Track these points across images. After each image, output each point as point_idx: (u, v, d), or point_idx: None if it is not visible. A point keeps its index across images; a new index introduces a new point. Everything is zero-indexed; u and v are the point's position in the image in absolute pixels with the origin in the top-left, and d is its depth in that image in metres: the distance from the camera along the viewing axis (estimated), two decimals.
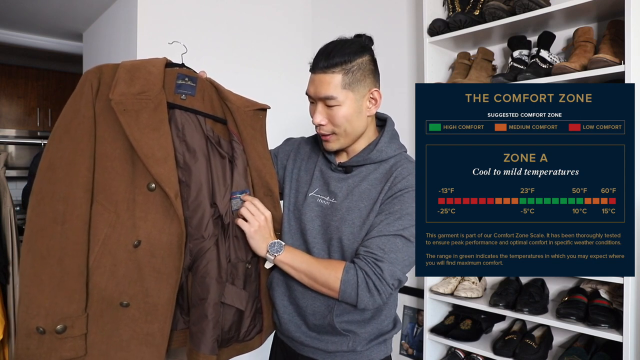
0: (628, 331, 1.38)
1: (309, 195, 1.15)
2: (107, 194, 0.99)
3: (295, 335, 1.14)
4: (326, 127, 1.09)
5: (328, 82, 1.05)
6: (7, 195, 1.64)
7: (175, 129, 1.09)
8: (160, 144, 1.00)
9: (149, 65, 1.07)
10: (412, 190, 1.05)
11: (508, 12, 1.70)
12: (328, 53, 1.06)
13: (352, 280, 1.00)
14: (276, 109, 2.42)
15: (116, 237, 0.99)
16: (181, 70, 1.14)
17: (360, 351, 1.11)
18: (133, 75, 1.03)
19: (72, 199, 0.96)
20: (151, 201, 1.00)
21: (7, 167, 2.46)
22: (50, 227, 0.95)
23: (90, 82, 1.01)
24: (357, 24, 2.46)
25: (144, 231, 1.00)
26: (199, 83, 1.14)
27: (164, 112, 1.03)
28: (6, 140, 3.75)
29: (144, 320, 1.00)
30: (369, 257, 1.01)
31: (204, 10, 2.23)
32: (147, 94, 1.02)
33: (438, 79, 1.96)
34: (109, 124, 1.00)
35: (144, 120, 1.00)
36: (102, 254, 0.98)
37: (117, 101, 0.98)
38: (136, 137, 0.97)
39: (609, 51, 1.48)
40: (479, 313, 1.83)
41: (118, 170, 1.00)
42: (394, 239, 1.02)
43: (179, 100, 1.10)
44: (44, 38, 3.06)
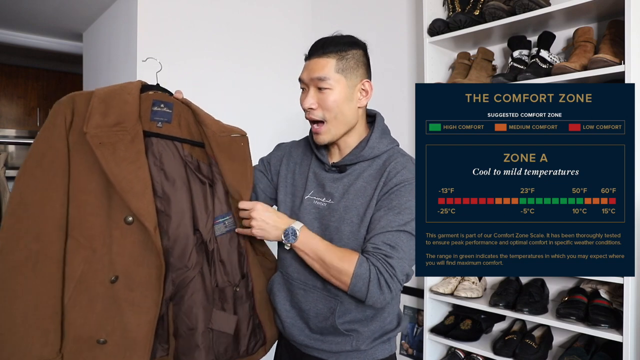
0: (628, 331, 1.38)
1: (305, 198, 1.15)
2: (82, 229, 0.96)
3: (299, 338, 1.14)
4: (316, 111, 1.09)
5: (322, 65, 1.08)
6: (7, 195, 1.64)
7: (152, 158, 1.06)
8: (138, 177, 0.97)
9: (123, 93, 1.04)
10: (407, 183, 1.05)
11: (508, 12, 1.70)
12: (323, 43, 1.10)
13: (364, 274, 0.99)
14: (276, 108, 2.43)
15: (92, 274, 0.96)
16: (156, 95, 1.11)
17: (365, 350, 1.11)
18: (108, 105, 0.99)
19: (45, 237, 0.93)
20: (128, 235, 0.97)
21: (7, 167, 2.46)
22: (22, 266, 0.91)
23: (63, 114, 0.97)
24: (357, 24, 2.46)
25: (121, 266, 0.97)
26: (175, 108, 1.11)
27: (140, 143, 1.00)
28: (6, 140, 3.75)
29: (122, 356, 0.97)
30: (378, 254, 1.00)
31: (204, 10, 2.23)
32: (124, 125, 0.98)
33: (438, 79, 1.96)
34: (83, 157, 0.96)
35: (121, 153, 0.96)
36: (78, 291, 0.95)
37: (92, 134, 0.94)
38: (114, 172, 0.94)
39: (609, 51, 1.48)
40: (479, 313, 1.83)
41: (94, 204, 0.96)
42: (399, 234, 1.01)
43: (155, 128, 1.08)
44: (44, 38, 3.05)
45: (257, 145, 2.41)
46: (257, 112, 2.41)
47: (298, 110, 1.25)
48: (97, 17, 2.58)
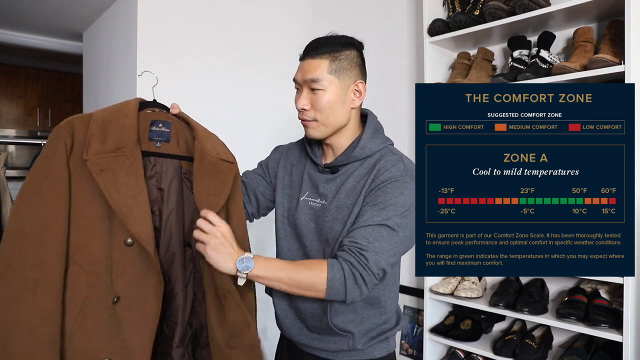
0: (628, 331, 1.38)
1: (300, 200, 1.16)
2: (84, 254, 0.96)
3: (297, 338, 1.15)
4: (309, 112, 1.10)
5: (315, 66, 1.08)
6: (7, 195, 1.64)
7: (150, 178, 1.08)
8: (137, 202, 0.97)
9: (121, 116, 1.04)
10: (395, 180, 1.04)
11: (508, 12, 1.69)
12: (317, 43, 1.10)
13: (338, 276, 0.96)
14: (276, 108, 2.43)
15: (96, 297, 0.96)
16: (154, 115, 1.12)
17: (361, 349, 1.11)
18: (106, 130, 1.00)
19: (46, 265, 0.92)
20: (128, 256, 0.98)
21: (7, 167, 2.47)
22: (20, 295, 0.91)
23: (63, 141, 0.97)
24: (357, 24, 2.45)
25: (122, 286, 0.98)
26: (172, 127, 1.12)
27: (140, 167, 1.01)
28: (6, 140, 3.75)
29: None
30: (353, 247, 0.98)
31: (204, 10, 2.23)
32: (123, 150, 0.99)
33: (438, 79, 1.96)
34: (84, 183, 0.97)
35: (121, 179, 0.97)
36: (82, 316, 0.95)
37: (92, 161, 0.95)
38: (114, 198, 0.95)
39: (609, 51, 1.48)
40: (479, 313, 1.83)
41: (95, 229, 0.97)
42: (379, 228, 0.99)
43: (154, 147, 1.09)
44: (44, 38, 3.05)
45: (256, 144, 2.42)
46: (257, 112, 2.41)
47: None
48: (97, 17, 2.58)
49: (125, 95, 2.17)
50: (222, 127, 2.43)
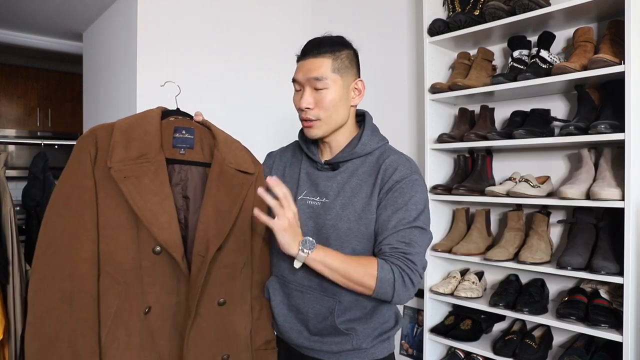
0: (628, 331, 1.38)
1: (298, 199, 1.16)
2: (115, 264, 0.96)
3: (297, 341, 1.14)
4: (313, 111, 1.10)
5: (319, 65, 1.09)
6: (7, 195, 1.64)
7: (175, 186, 1.07)
8: (163, 208, 0.97)
9: (144, 122, 1.04)
10: (407, 179, 1.07)
11: (508, 12, 1.69)
12: (317, 43, 1.11)
13: (388, 276, 0.99)
14: (276, 108, 2.43)
15: (128, 308, 0.95)
16: (177, 122, 1.11)
17: (365, 348, 1.11)
18: (129, 137, 0.99)
19: (78, 275, 0.92)
20: (158, 264, 0.98)
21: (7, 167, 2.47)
22: (57, 307, 0.91)
23: (87, 151, 0.97)
24: (357, 24, 2.46)
25: (153, 296, 0.97)
26: (196, 133, 1.11)
27: (164, 174, 1.00)
28: (6, 140, 3.75)
29: None
30: (396, 253, 1.01)
31: (204, 10, 2.23)
32: (147, 157, 0.99)
33: (438, 79, 1.96)
34: (110, 192, 0.96)
35: (146, 185, 0.96)
36: (115, 327, 0.94)
37: (116, 169, 0.95)
38: (139, 205, 0.94)
39: (609, 51, 1.48)
40: (479, 313, 1.83)
41: (123, 238, 0.97)
42: (410, 230, 1.03)
43: (178, 155, 1.08)
44: (44, 38, 3.06)
45: (256, 144, 2.41)
46: (257, 112, 2.41)
47: None
48: (97, 17, 2.58)
49: (125, 96, 2.18)
50: (222, 127, 2.44)
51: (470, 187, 1.79)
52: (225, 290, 1.06)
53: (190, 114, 1.16)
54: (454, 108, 2.03)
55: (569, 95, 1.77)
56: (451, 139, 1.85)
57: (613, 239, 1.49)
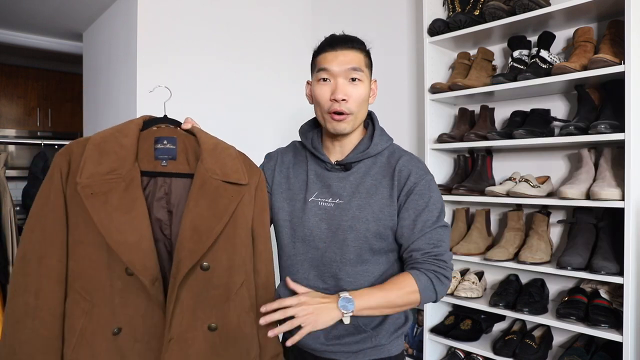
0: (628, 331, 1.38)
1: (309, 200, 1.13)
2: (83, 282, 0.93)
3: (314, 346, 1.12)
4: (348, 104, 1.07)
5: (356, 57, 1.08)
6: (7, 195, 1.64)
7: (159, 200, 1.01)
8: (133, 227, 0.91)
9: (120, 135, 0.98)
10: (423, 180, 1.09)
11: (508, 12, 1.69)
12: (347, 37, 1.10)
13: (427, 284, 1.01)
14: (276, 108, 2.43)
15: (93, 327, 0.93)
16: (158, 132, 1.04)
17: (384, 344, 1.11)
18: (102, 151, 0.94)
19: (43, 293, 0.92)
20: (131, 285, 0.93)
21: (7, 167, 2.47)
22: (22, 321, 0.91)
23: (59, 167, 0.94)
24: (357, 24, 2.45)
25: (125, 317, 0.94)
26: (179, 143, 1.04)
27: (137, 189, 0.94)
28: (6, 140, 3.75)
29: None
30: (428, 258, 1.04)
31: (204, 10, 2.23)
32: (118, 172, 0.93)
33: (438, 79, 1.96)
34: (79, 209, 0.93)
35: (114, 202, 0.91)
36: (79, 345, 0.92)
37: (84, 185, 0.90)
38: (104, 223, 0.89)
39: (609, 51, 1.48)
40: (479, 313, 1.83)
41: (93, 257, 0.93)
42: (436, 230, 1.07)
43: (159, 167, 1.01)
44: (44, 38, 3.05)
45: (257, 144, 2.41)
46: (257, 112, 2.41)
47: (298, 109, 1.25)
48: (97, 17, 2.58)
49: (125, 96, 2.18)
50: (222, 127, 2.44)
51: (470, 187, 1.79)
52: (218, 314, 0.99)
53: (179, 122, 1.08)
54: (454, 108, 2.03)
55: (569, 95, 1.77)
56: (451, 139, 1.85)
57: (613, 239, 1.49)
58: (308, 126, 1.23)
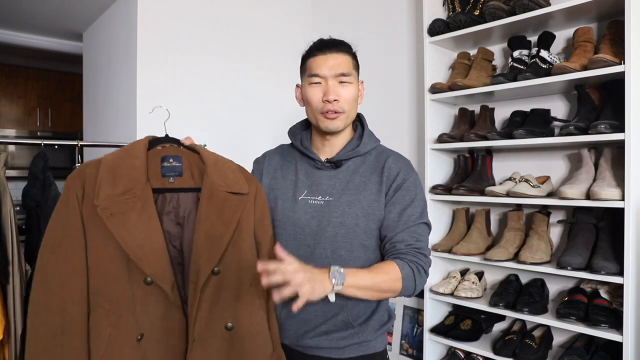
0: (628, 331, 1.38)
1: (299, 199, 1.16)
2: (106, 296, 0.99)
3: (301, 342, 1.14)
4: (340, 103, 1.13)
5: (345, 60, 1.14)
6: (7, 195, 1.63)
7: (168, 214, 1.08)
8: (151, 242, 0.99)
9: (130, 157, 1.05)
10: (410, 178, 1.15)
11: (508, 12, 1.69)
12: (335, 41, 1.16)
13: (409, 274, 1.05)
14: (276, 108, 2.43)
15: (120, 337, 0.98)
16: (164, 151, 1.12)
17: (370, 340, 1.14)
18: (115, 173, 1.01)
19: (67, 314, 0.96)
20: (150, 293, 1.00)
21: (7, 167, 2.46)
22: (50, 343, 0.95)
23: (74, 192, 0.99)
24: (357, 24, 2.46)
25: (146, 323, 1.00)
26: (184, 160, 1.12)
27: (151, 207, 1.02)
28: (6, 140, 3.75)
29: None
30: (410, 250, 1.09)
31: (204, 10, 2.23)
32: (133, 191, 1.00)
33: (438, 79, 1.96)
34: (98, 228, 0.98)
35: (133, 220, 0.98)
36: (108, 355, 0.97)
37: (103, 206, 0.97)
38: (126, 241, 0.96)
39: (609, 51, 1.48)
40: (479, 313, 1.83)
41: (113, 271, 0.99)
42: (419, 226, 1.12)
43: (167, 183, 1.09)
44: (44, 38, 3.06)
45: (256, 144, 2.41)
46: (257, 112, 2.41)
47: (298, 109, 1.25)
48: (97, 17, 2.58)
49: (125, 96, 2.18)
50: (222, 127, 2.45)
51: (470, 187, 1.79)
52: (231, 314, 1.06)
53: (178, 139, 1.16)
54: (454, 108, 2.03)
55: (569, 95, 1.77)
56: (451, 139, 1.85)
57: (613, 239, 1.49)
58: (297, 128, 1.27)
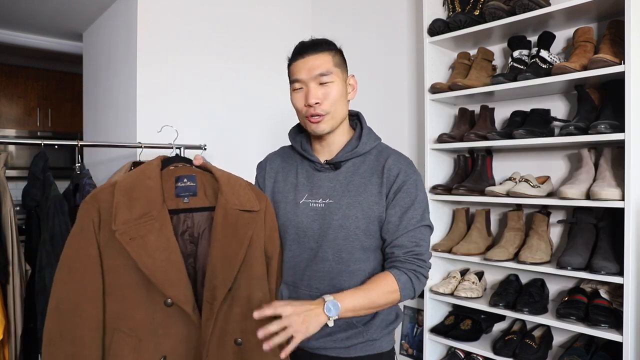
0: (628, 331, 1.38)
1: (300, 203, 1.16)
2: (127, 321, 0.98)
3: (307, 344, 1.14)
4: (322, 106, 1.11)
5: (323, 60, 1.11)
6: (7, 195, 1.64)
7: (183, 234, 1.08)
8: (171, 263, 0.98)
9: (144, 178, 1.05)
10: (411, 178, 1.12)
11: (508, 12, 1.69)
12: (312, 42, 1.15)
13: (406, 283, 1.05)
14: (276, 108, 2.43)
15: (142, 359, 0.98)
16: (178, 171, 1.12)
17: (375, 339, 1.13)
18: (131, 197, 1.01)
19: (79, 340, 0.96)
20: (171, 315, 1.00)
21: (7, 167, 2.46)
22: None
23: (90, 218, 0.99)
24: (357, 24, 2.46)
25: (168, 346, 0.99)
26: (197, 179, 1.12)
27: (168, 228, 1.01)
28: (6, 140, 3.75)
29: None
30: (409, 257, 1.08)
31: (204, 10, 2.23)
32: (151, 214, 1.00)
33: (438, 79, 1.96)
34: (116, 253, 0.98)
35: (152, 243, 0.98)
36: None
37: (121, 231, 0.96)
38: (147, 265, 0.96)
39: (609, 51, 1.48)
40: (479, 313, 1.83)
41: (133, 296, 0.99)
42: (419, 229, 1.10)
43: (182, 204, 1.10)
44: (44, 38, 3.05)
45: (256, 144, 2.42)
46: (257, 112, 2.41)
47: None
48: (97, 17, 2.58)
49: (125, 96, 2.17)
50: (222, 127, 2.44)
51: (470, 187, 1.79)
52: (241, 329, 1.06)
53: (189, 159, 1.16)
54: (454, 108, 2.03)
55: (569, 95, 1.77)
56: (451, 139, 1.85)
57: (613, 239, 1.49)
58: (295, 130, 1.27)
